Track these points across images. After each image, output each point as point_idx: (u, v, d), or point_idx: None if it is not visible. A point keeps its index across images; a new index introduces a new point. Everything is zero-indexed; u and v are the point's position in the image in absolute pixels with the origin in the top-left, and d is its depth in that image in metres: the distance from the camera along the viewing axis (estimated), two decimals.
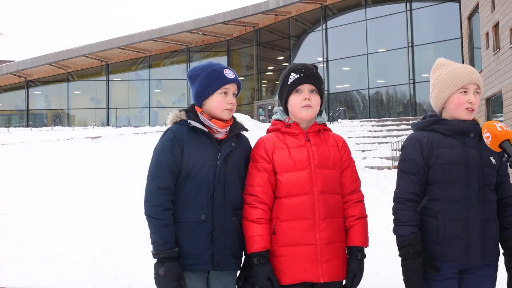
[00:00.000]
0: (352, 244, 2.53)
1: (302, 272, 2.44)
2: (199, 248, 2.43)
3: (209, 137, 2.53)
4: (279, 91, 2.67)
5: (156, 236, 2.38)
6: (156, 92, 39.05)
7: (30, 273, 5.06)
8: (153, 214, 2.40)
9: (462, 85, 2.47)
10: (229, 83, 2.56)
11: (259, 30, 35.02)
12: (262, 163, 2.52)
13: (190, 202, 2.46)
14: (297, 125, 2.57)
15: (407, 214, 2.42)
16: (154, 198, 2.42)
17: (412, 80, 27.94)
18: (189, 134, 2.51)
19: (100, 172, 11.53)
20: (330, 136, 2.64)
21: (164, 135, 2.54)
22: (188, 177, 2.47)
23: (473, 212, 2.40)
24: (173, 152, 2.46)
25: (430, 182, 2.47)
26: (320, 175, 2.49)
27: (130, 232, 7.33)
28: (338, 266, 2.50)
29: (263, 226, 2.46)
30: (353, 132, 22.96)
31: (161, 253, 2.35)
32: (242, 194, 2.55)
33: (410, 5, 28.44)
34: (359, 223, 2.55)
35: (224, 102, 2.54)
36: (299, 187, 2.48)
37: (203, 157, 2.48)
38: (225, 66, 2.63)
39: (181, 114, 2.59)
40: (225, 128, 2.57)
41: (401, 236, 2.42)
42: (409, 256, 2.37)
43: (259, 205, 2.48)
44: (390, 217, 2.56)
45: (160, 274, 2.33)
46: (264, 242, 2.45)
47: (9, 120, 39.75)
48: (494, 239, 2.47)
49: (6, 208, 10.22)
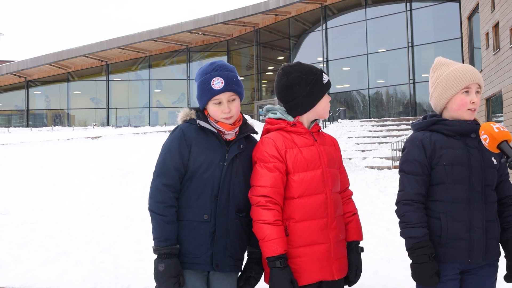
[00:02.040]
0: (352, 239, 2.60)
1: (318, 272, 2.44)
2: (199, 248, 2.42)
3: (217, 137, 2.51)
4: (310, 88, 2.53)
5: (158, 232, 2.38)
6: (156, 92, 39.06)
7: (30, 273, 5.06)
8: (157, 210, 2.40)
9: (465, 86, 2.45)
10: (216, 94, 2.47)
11: (259, 30, 35.02)
12: (275, 163, 2.45)
13: (194, 201, 2.45)
14: (301, 124, 2.56)
15: (417, 216, 2.39)
16: (158, 194, 2.41)
17: (412, 80, 27.95)
18: (198, 133, 2.49)
19: (100, 172, 11.51)
20: (326, 136, 2.67)
21: (173, 133, 2.52)
22: (193, 176, 2.46)
23: (475, 213, 2.39)
24: (181, 151, 2.45)
25: (432, 183, 2.45)
26: (330, 174, 2.52)
27: (130, 232, 7.32)
28: (345, 262, 2.55)
29: (280, 228, 2.40)
30: (353, 132, 22.97)
31: (162, 249, 2.35)
32: (251, 196, 2.47)
33: (410, 5, 28.44)
34: (355, 219, 2.64)
35: (218, 111, 2.49)
36: (313, 187, 2.46)
37: (210, 157, 2.47)
38: (216, 73, 2.49)
39: (191, 113, 2.56)
40: (232, 130, 2.53)
41: (414, 238, 2.36)
42: (425, 258, 2.32)
43: (274, 207, 2.42)
44: (390, 217, 2.56)
45: (160, 270, 2.33)
46: (284, 244, 2.39)
47: (9, 120, 39.77)
48: (496, 239, 2.47)
49: (6, 208, 10.21)
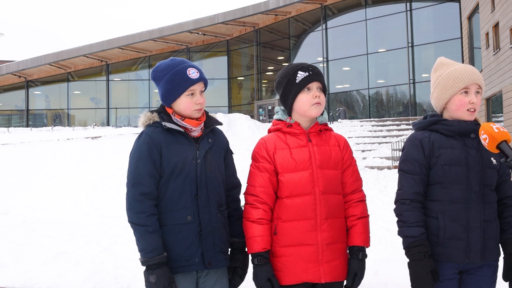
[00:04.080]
0: (353, 244, 2.52)
1: (303, 273, 2.44)
2: (189, 249, 2.39)
3: (185, 136, 2.47)
4: (283, 91, 2.57)
5: (143, 243, 2.32)
6: (156, 92, 38.95)
7: (30, 273, 5.06)
8: (138, 221, 2.34)
9: (464, 86, 2.45)
10: (194, 83, 2.46)
11: (259, 30, 35.02)
12: (264, 163, 2.51)
13: (174, 204, 2.41)
14: (298, 125, 2.55)
15: (414, 215, 2.41)
16: (137, 205, 2.35)
17: (412, 80, 27.94)
18: (165, 135, 2.44)
19: (100, 172, 11.52)
20: (332, 136, 2.62)
21: (140, 139, 2.45)
22: (169, 179, 2.41)
23: (473, 212, 2.39)
24: (152, 156, 2.39)
25: (430, 183, 2.46)
26: (322, 176, 2.48)
27: (130, 232, 7.30)
28: (340, 266, 2.49)
29: (263, 226, 2.46)
30: (353, 132, 22.96)
31: (150, 260, 2.30)
32: (244, 194, 2.55)
33: (410, 5, 28.43)
34: (360, 223, 2.53)
35: (191, 103, 2.46)
36: (300, 188, 2.47)
37: (182, 157, 2.42)
38: (189, 64, 2.50)
39: (153, 116, 2.50)
40: (199, 125, 2.50)
41: (411, 237, 2.38)
42: (420, 256, 2.35)
43: (260, 206, 2.48)
44: (390, 217, 2.56)
45: (151, 282, 2.28)
46: (265, 242, 2.45)
47: (9, 120, 39.77)
48: (495, 240, 2.45)
49: (6, 208, 10.22)
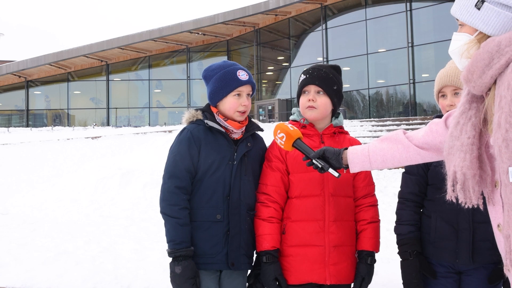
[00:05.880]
0: (362, 248, 2.51)
1: (309, 273, 2.44)
2: (214, 247, 2.45)
3: (225, 137, 2.54)
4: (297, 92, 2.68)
5: (173, 234, 2.39)
6: (156, 92, 39.07)
7: (30, 273, 5.06)
8: (170, 213, 2.41)
9: (438, 90, 2.52)
10: (242, 85, 2.55)
11: (259, 30, 35.03)
12: (276, 163, 2.55)
13: (206, 201, 2.48)
14: (313, 126, 2.58)
15: (406, 214, 2.49)
16: (171, 197, 2.43)
17: (412, 80, 27.95)
18: (206, 134, 2.53)
19: (100, 172, 11.51)
20: (346, 139, 2.63)
21: (181, 134, 2.54)
22: (204, 176, 2.49)
23: (462, 214, 2.40)
24: (190, 152, 2.48)
25: (429, 183, 2.53)
26: (332, 177, 2.48)
27: (130, 232, 7.32)
28: (346, 269, 2.48)
29: (273, 225, 2.48)
30: (353, 132, 22.96)
31: (178, 251, 2.37)
32: (256, 193, 2.57)
33: (410, 5, 28.44)
34: (370, 227, 2.53)
35: (237, 104, 2.53)
36: (310, 188, 2.48)
37: (219, 157, 2.50)
38: (239, 67, 2.60)
39: (197, 114, 2.59)
40: (240, 128, 2.57)
41: (400, 235, 2.48)
42: (406, 255, 2.42)
43: (271, 204, 2.50)
44: (390, 217, 2.57)
45: (177, 273, 2.35)
46: (274, 241, 2.46)
47: (9, 120, 39.81)
48: (490, 242, 2.34)
49: (6, 208, 10.22)
